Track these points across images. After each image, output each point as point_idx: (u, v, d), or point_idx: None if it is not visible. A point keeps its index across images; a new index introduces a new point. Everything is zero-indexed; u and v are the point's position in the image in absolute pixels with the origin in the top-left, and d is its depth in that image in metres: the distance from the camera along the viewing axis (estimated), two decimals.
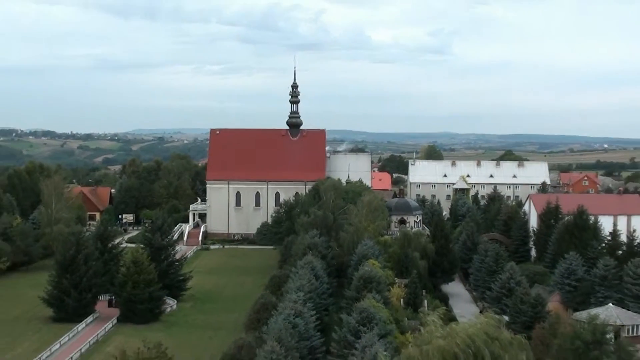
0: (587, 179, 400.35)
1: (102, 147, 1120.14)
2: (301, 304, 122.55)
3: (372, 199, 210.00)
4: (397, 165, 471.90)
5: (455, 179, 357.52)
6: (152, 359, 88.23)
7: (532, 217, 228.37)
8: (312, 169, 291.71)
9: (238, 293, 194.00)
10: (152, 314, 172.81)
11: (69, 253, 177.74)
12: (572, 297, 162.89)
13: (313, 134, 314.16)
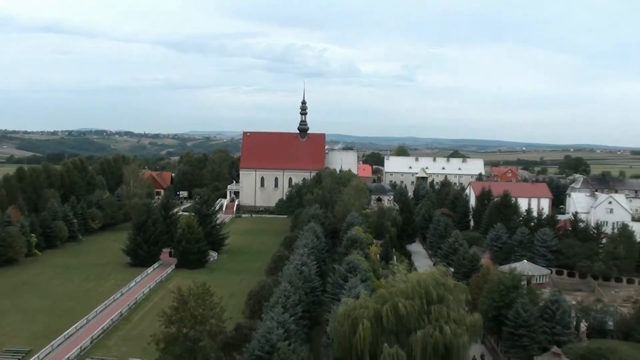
0: (510, 172, 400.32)
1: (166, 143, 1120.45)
2: (306, 256, 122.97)
3: (357, 183, 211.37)
4: (375, 160, 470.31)
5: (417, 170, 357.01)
6: (199, 293, 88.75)
7: (472, 198, 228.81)
8: (315, 161, 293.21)
9: (261, 248, 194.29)
10: (199, 262, 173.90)
11: (141, 218, 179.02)
12: (498, 255, 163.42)
13: (316, 136, 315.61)
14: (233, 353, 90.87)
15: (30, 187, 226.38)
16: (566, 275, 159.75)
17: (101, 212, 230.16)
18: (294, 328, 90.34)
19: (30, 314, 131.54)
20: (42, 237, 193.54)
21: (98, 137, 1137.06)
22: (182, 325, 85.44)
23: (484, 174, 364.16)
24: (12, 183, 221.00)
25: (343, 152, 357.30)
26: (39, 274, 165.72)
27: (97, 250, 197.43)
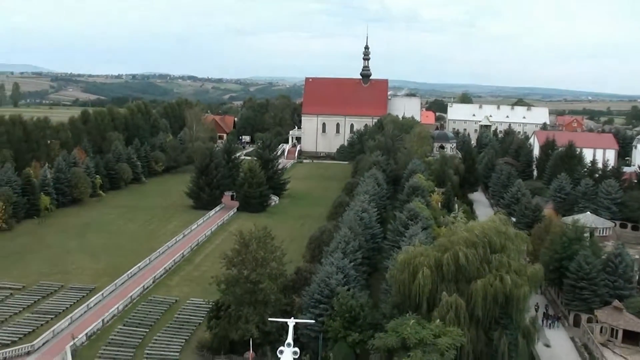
0: (576, 122, 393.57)
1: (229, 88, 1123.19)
2: (367, 203, 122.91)
3: (420, 130, 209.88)
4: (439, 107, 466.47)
5: (481, 118, 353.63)
6: (261, 236, 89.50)
7: (536, 147, 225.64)
8: (378, 107, 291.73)
9: (322, 194, 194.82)
10: (261, 206, 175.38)
11: (204, 161, 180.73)
12: (562, 206, 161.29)
13: (379, 82, 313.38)
14: (292, 296, 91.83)
15: (95, 130, 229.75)
16: (630, 229, 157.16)
17: (164, 155, 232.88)
18: (353, 274, 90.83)
19: (94, 253, 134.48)
20: (107, 179, 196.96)
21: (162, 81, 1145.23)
22: (243, 267, 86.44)
23: (548, 123, 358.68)
24: (77, 125, 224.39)
25: (406, 99, 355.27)
26: (103, 214, 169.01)
27: (160, 192, 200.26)
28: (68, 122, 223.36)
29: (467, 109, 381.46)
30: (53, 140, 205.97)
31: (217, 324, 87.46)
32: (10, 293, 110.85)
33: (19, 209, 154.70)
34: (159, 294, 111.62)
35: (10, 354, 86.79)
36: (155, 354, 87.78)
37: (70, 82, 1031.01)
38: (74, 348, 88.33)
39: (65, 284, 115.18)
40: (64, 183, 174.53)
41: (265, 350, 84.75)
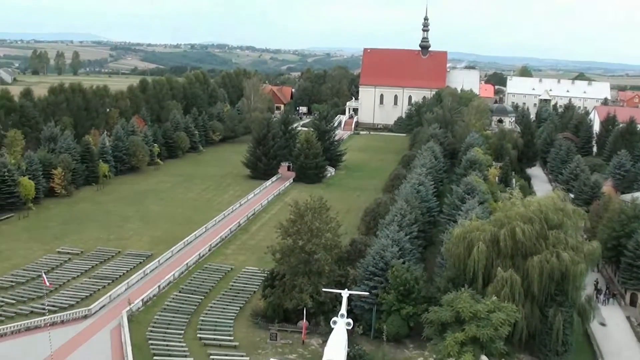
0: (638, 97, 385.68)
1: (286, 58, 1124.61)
2: (423, 176, 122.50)
3: (479, 103, 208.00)
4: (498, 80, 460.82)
5: (540, 92, 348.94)
6: (316, 207, 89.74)
7: (596, 123, 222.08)
8: (436, 79, 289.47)
9: (378, 166, 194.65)
10: (317, 177, 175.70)
11: (261, 132, 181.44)
12: (621, 183, 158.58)
13: (438, 54, 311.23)
14: (347, 267, 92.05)
15: (153, 99, 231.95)
16: None
17: (222, 125, 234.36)
18: (409, 247, 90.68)
19: (151, 220, 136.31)
20: (164, 147, 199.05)
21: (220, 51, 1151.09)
22: (298, 237, 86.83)
23: (609, 98, 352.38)
24: (136, 94, 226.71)
25: (465, 71, 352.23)
26: (160, 182, 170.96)
27: (217, 161, 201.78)
28: (127, 90, 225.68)
29: (526, 82, 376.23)
30: (112, 108, 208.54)
31: (272, 293, 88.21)
32: (69, 258, 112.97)
33: (78, 176, 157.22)
34: (214, 262, 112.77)
35: (67, 317, 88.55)
36: (210, 321, 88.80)
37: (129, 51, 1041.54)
38: (130, 313, 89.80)
39: (122, 250, 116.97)
40: (122, 151, 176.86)
41: (318, 320, 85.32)
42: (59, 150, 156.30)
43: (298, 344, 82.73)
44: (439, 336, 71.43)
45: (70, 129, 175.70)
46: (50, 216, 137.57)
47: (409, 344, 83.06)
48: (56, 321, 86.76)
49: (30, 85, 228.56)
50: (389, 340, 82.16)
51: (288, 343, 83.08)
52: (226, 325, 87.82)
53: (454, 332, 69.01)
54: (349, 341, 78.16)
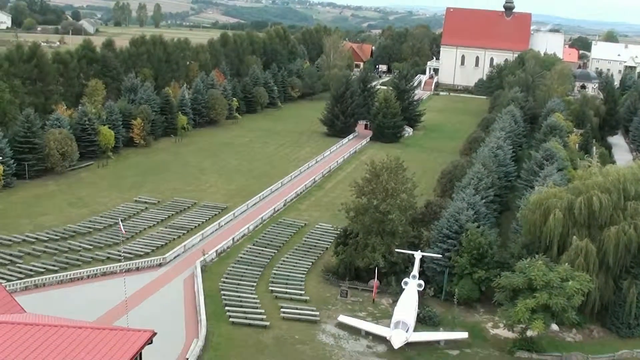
0: None
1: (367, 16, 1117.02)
2: (502, 140, 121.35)
3: (562, 68, 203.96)
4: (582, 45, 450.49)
5: (626, 58, 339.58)
6: (392, 167, 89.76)
7: None
8: (519, 42, 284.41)
9: (457, 128, 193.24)
10: (394, 136, 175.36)
11: (340, 89, 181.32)
12: None
13: (522, 16, 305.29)
14: (421, 229, 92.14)
15: (233, 53, 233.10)
16: None
17: (301, 81, 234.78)
18: (484, 211, 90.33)
19: (228, 173, 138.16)
20: (243, 102, 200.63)
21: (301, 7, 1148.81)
22: (373, 197, 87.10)
23: None
24: (216, 48, 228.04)
25: (549, 34, 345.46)
26: (238, 136, 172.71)
27: (295, 118, 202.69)
28: (207, 44, 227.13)
29: (612, 48, 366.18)
30: (192, 61, 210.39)
31: (344, 251, 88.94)
32: (146, 207, 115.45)
33: (156, 127, 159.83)
34: (288, 217, 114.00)
35: (143, 265, 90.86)
36: (282, 274, 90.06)
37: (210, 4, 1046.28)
38: (204, 263, 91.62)
39: (198, 202, 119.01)
40: (201, 104, 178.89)
41: (390, 280, 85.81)
42: (139, 101, 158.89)
43: (368, 303, 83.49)
44: (510, 302, 71.43)
45: (151, 80, 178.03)
46: (129, 165, 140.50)
47: (480, 308, 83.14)
48: (131, 268, 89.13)
49: (112, 36, 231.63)
50: (459, 303, 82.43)
51: (358, 301, 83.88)
52: (298, 280, 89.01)
53: (525, 298, 68.92)
54: (419, 302, 78.71)
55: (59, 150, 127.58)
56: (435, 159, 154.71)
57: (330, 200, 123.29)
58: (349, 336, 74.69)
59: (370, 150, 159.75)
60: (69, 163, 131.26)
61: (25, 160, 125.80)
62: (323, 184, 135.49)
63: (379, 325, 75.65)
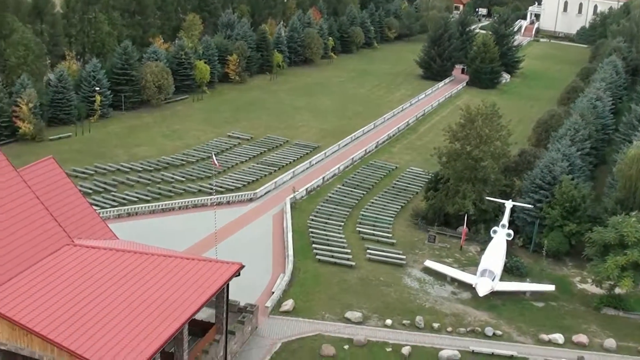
0: None
1: None
2: (602, 91, 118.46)
3: None
4: None
5: None
6: (487, 113, 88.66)
7: None
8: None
9: (556, 76, 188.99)
10: (491, 82, 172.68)
11: (438, 31, 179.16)
12: None
13: None
14: (513, 178, 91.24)
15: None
16: None
17: (398, 22, 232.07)
18: (579, 163, 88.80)
19: (321, 113, 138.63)
20: (339, 41, 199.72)
21: None
22: (466, 142, 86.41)
23: None
24: None
25: None
26: (333, 76, 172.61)
27: (391, 59, 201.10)
28: None
29: None
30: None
31: (434, 196, 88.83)
32: (239, 142, 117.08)
33: (252, 64, 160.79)
34: (379, 159, 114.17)
35: (234, 199, 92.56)
36: (370, 216, 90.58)
37: None
38: (293, 200, 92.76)
39: (290, 140, 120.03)
40: (297, 42, 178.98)
41: (479, 227, 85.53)
42: (235, 37, 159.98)
43: (455, 249, 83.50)
44: (600, 258, 70.48)
45: (248, 17, 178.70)
46: (223, 101, 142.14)
47: (568, 261, 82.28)
48: (222, 201, 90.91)
49: None
50: (548, 255, 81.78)
51: (445, 247, 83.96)
52: (386, 222, 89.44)
53: (615, 255, 67.93)
54: (507, 252, 78.38)
55: (155, 83, 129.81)
56: (531, 107, 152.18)
57: (422, 144, 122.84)
58: (434, 281, 75.02)
59: (466, 96, 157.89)
60: (164, 96, 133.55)
61: (122, 92, 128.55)
62: (416, 128, 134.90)
63: (465, 272, 75.67)
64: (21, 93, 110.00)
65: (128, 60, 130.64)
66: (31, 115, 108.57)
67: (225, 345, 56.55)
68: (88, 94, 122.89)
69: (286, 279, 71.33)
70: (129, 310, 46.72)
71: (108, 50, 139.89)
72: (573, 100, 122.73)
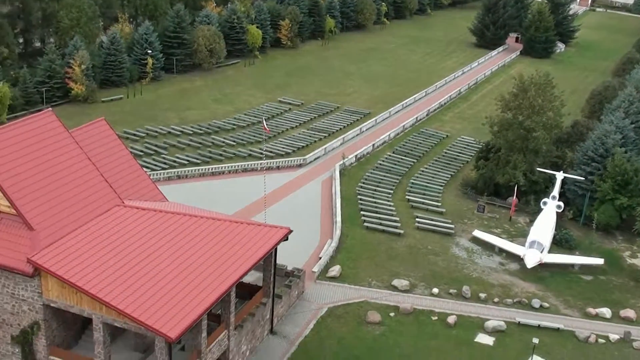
0: None
1: None
2: None
3: None
4: None
5: None
6: (541, 83, 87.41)
7: None
8: None
9: (611, 47, 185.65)
10: (545, 52, 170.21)
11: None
12: None
13: None
14: (565, 149, 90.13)
15: None
16: None
17: None
18: (633, 136, 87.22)
19: (372, 79, 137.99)
20: (392, 7, 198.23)
21: None
22: (518, 112, 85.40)
23: None
24: None
25: None
26: (385, 42, 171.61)
27: (444, 26, 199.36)
28: None
29: None
30: None
31: (485, 165, 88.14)
32: (289, 108, 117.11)
33: (304, 29, 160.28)
34: (430, 127, 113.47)
35: (283, 164, 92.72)
36: (419, 184, 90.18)
37: None
38: (343, 167, 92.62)
39: (341, 106, 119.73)
40: (350, 7, 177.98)
41: (529, 198, 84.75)
42: (288, 2, 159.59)
43: (505, 220, 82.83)
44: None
45: None
46: (275, 66, 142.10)
47: (618, 235, 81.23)
48: (272, 166, 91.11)
49: None
50: (597, 228, 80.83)
51: (495, 217, 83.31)
52: (435, 191, 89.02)
53: None
54: (556, 224, 77.56)
55: (207, 46, 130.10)
56: (585, 78, 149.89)
57: (474, 113, 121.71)
58: (482, 251, 74.56)
59: (519, 65, 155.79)
60: (216, 60, 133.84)
61: (174, 55, 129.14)
62: (468, 96, 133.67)
63: (513, 243, 75.10)
64: (74, 55, 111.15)
65: (180, 24, 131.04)
66: (83, 77, 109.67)
67: (272, 309, 56.92)
68: (140, 57, 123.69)
69: (334, 245, 71.43)
70: (177, 272, 47.14)
71: (160, 14, 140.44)
72: (628, 72, 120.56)
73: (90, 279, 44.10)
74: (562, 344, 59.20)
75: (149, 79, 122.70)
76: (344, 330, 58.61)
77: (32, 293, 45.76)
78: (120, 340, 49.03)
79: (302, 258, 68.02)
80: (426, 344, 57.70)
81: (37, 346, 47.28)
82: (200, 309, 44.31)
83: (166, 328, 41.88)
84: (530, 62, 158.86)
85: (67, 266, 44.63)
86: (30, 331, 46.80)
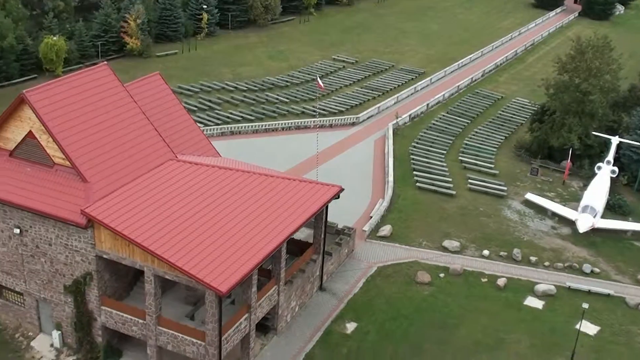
0: None
1: None
2: None
3: None
4: None
5: None
6: (599, 46, 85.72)
7: None
8: None
9: None
10: (604, 14, 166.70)
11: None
12: None
13: None
14: (621, 113, 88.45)
15: None
16: None
17: None
18: None
19: (428, 38, 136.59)
20: None
21: None
22: (575, 75, 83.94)
23: None
24: None
25: None
26: (441, 0, 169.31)
27: None
28: None
29: None
30: None
31: (539, 128, 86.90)
32: (343, 66, 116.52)
33: None
34: (485, 88, 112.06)
35: (336, 122, 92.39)
36: (473, 145, 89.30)
37: None
38: (396, 126, 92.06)
39: (396, 65, 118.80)
40: None
41: (583, 163, 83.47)
42: None
43: (558, 183, 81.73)
44: None
45: None
46: (330, 23, 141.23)
47: None
48: (325, 124, 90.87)
49: None
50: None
51: (548, 180, 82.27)
52: (488, 153, 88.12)
53: None
54: (610, 189, 76.30)
55: (262, 3, 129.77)
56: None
57: (530, 74, 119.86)
58: (534, 215, 73.72)
59: (577, 27, 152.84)
60: (271, 16, 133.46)
61: (229, 11, 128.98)
62: (524, 58, 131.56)
63: (566, 207, 74.06)
64: (129, 9, 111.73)
65: None
66: (139, 32, 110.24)
67: (322, 266, 57.01)
68: (195, 12, 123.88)
69: (385, 205, 71.19)
70: (229, 226, 47.33)
71: None
72: None
73: (143, 231, 44.49)
74: (611, 310, 58.49)
75: (204, 35, 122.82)
76: (392, 290, 58.55)
77: (85, 244, 46.32)
78: (171, 293, 49.55)
79: (353, 217, 67.89)
80: (475, 306, 57.41)
81: (89, 296, 47.97)
82: (251, 264, 44.50)
83: (217, 282, 42.14)
84: (589, 23, 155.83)
85: (120, 218, 45.06)
86: (82, 281, 47.50)
